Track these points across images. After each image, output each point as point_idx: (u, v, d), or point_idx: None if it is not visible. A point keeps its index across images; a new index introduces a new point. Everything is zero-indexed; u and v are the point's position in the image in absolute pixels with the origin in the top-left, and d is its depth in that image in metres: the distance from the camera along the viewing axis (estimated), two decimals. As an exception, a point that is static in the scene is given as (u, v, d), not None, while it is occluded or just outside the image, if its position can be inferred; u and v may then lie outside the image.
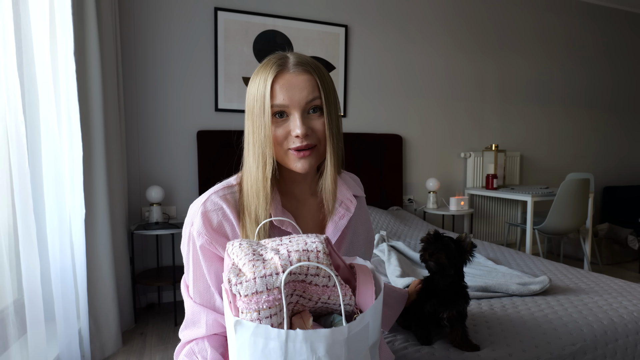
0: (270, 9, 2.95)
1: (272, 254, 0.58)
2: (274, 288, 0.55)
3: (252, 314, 0.54)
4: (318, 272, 0.58)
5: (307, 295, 0.60)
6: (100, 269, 2.01)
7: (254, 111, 0.73)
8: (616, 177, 4.56)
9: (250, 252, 0.58)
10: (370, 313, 0.58)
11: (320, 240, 0.59)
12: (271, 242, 0.62)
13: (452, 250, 1.02)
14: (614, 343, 1.20)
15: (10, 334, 1.45)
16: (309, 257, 0.57)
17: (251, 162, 0.74)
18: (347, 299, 0.61)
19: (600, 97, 4.37)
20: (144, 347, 2.12)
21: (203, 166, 2.74)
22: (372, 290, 0.62)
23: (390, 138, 3.33)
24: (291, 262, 0.56)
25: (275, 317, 0.55)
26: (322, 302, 0.62)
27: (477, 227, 3.72)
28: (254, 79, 0.74)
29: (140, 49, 2.65)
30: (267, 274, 0.55)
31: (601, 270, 3.46)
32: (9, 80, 1.45)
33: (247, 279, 0.55)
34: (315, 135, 0.73)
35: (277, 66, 0.72)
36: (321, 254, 0.58)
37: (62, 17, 1.80)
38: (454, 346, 1.08)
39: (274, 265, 0.56)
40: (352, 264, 0.68)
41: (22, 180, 1.45)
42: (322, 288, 0.59)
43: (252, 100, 0.73)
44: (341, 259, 0.66)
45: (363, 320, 0.56)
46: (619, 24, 4.38)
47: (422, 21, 3.45)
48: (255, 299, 0.54)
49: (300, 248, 0.58)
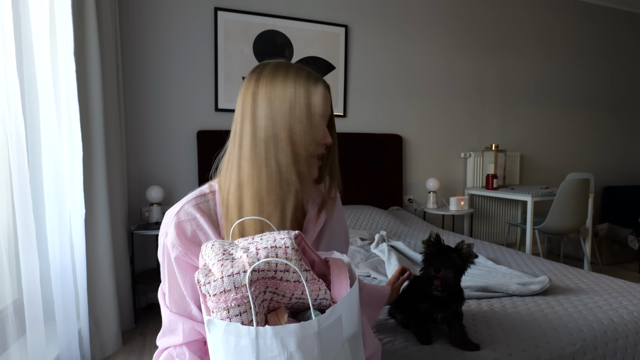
0: (270, 9, 2.95)
1: (240, 253, 0.58)
2: (242, 286, 0.55)
3: (222, 312, 0.55)
4: (287, 268, 0.58)
5: (280, 292, 0.61)
6: (100, 269, 2.01)
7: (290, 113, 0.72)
8: (616, 177, 4.56)
9: (221, 252, 0.59)
10: (342, 305, 0.58)
11: (290, 237, 0.59)
12: (243, 241, 0.62)
13: (457, 266, 1.01)
14: (614, 343, 1.20)
15: (9, 335, 1.45)
16: (277, 253, 0.57)
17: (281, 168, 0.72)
18: (323, 293, 0.61)
19: (600, 97, 4.37)
20: (144, 347, 2.12)
21: (203, 166, 2.74)
22: (347, 282, 0.62)
23: (390, 138, 3.33)
24: (259, 259, 0.56)
25: (245, 315, 0.55)
26: (297, 298, 0.62)
27: (477, 227, 3.72)
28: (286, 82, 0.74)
29: (140, 49, 2.65)
30: (235, 272, 0.55)
31: (601, 270, 3.46)
32: (9, 80, 1.44)
33: (215, 279, 0.55)
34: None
35: (320, 80, 0.78)
36: (289, 249, 0.58)
37: (62, 17, 1.80)
38: (454, 346, 1.08)
39: (242, 263, 0.56)
40: (327, 259, 0.69)
41: (22, 180, 1.45)
42: (293, 284, 0.60)
43: (291, 100, 0.73)
44: (316, 254, 0.67)
45: (334, 312, 0.57)
46: (618, 23, 4.38)
47: (422, 21, 3.45)
48: (223, 298, 0.55)
49: (269, 245, 0.58)
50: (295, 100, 0.73)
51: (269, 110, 0.72)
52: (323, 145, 0.78)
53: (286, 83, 0.74)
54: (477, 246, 2.30)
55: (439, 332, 1.15)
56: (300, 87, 0.74)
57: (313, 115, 0.74)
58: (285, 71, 0.75)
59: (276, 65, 0.77)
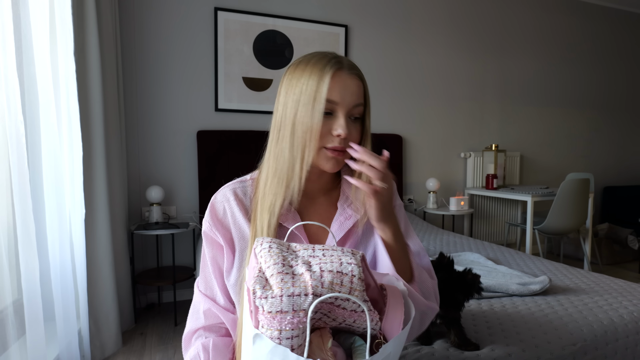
0: (270, 9, 2.95)
1: (303, 269, 0.54)
2: (300, 310, 0.51)
3: (274, 332, 0.51)
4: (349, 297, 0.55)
5: (331, 316, 0.58)
6: (100, 269, 2.01)
7: (300, 100, 0.72)
8: (616, 177, 4.56)
9: (280, 262, 0.55)
10: (393, 344, 0.56)
11: (357, 262, 0.56)
12: (303, 251, 0.59)
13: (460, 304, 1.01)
14: (614, 343, 1.20)
15: (9, 335, 1.45)
16: (343, 280, 0.54)
17: (286, 151, 0.73)
18: (373, 324, 0.58)
19: (601, 96, 4.37)
20: (144, 347, 2.12)
21: (203, 166, 2.74)
22: (401, 318, 0.59)
23: (390, 138, 3.33)
24: (322, 284, 0.53)
25: (297, 339, 0.52)
26: (347, 324, 0.59)
27: (477, 227, 3.71)
28: (306, 69, 0.73)
29: (140, 49, 2.65)
30: (296, 293, 0.52)
31: (601, 270, 3.46)
32: (9, 80, 1.44)
33: (274, 295, 0.52)
34: (349, 140, 0.73)
35: (335, 63, 0.73)
36: (356, 279, 0.54)
37: (62, 17, 1.79)
38: (454, 346, 1.08)
39: (304, 284, 0.53)
40: (383, 285, 0.65)
41: (22, 180, 1.45)
42: (349, 312, 0.57)
43: (300, 89, 0.72)
44: (372, 277, 0.63)
45: (385, 351, 0.54)
46: (619, 23, 4.38)
47: (422, 21, 3.45)
48: (279, 318, 0.51)
49: (335, 269, 0.54)
50: (307, 85, 0.72)
51: (285, 98, 0.75)
52: (335, 136, 0.72)
53: (304, 70, 0.74)
54: (477, 246, 2.30)
55: (439, 333, 1.15)
56: (314, 72, 0.72)
57: (317, 100, 0.70)
58: (308, 59, 0.75)
59: (306, 55, 0.77)
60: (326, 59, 0.73)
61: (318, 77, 0.71)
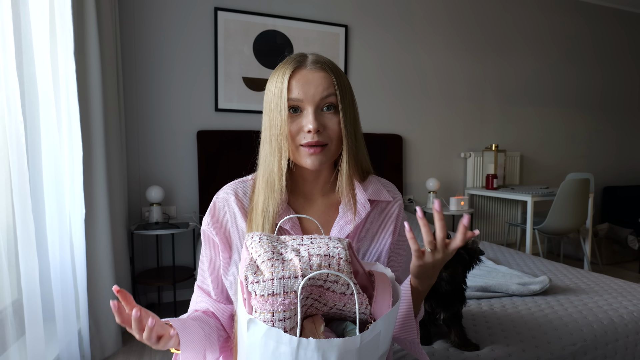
0: (270, 9, 2.95)
1: (292, 255, 0.56)
2: (291, 292, 0.53)
3: (266, 315, 0.53)
4: (337, 280, 0.57)
5: (322, 300, 0.59)
6: (100, 269, 2.01)
7: (271, 106, 0.75)
8: (616, 177, 4.56)
9: (270, 250, 0.57)
10: (383, 322, 0.57)
11: (343, 246, 0.58)
12: (292, 241, 0.61)
13: (466, 262, 1.00)
14: (614, 343, 1.20)
15: (9, 335, 1.45)
16: (330, 263, 0.56)
17: (268, 156, 0.76)
18: (363, 307, 0.60)
19: (601, 96, 4.37)
20: (144, 347, 2.12)
21: (203, 166, 2.74)
22: (389, 300, 0.61)
23: (391, 138, 3.33)
24: (311, 267, 0.55)
25: (289, 321, 0.54)
26: (337, 309, 0.61)
27: (477, 227, 3.71)
28: (273, 75, 0.77)
29: (140, 49, 2.65)
30: (286, 276, 0.54)
31: (601, 270, 3.46)
32: (9, 80, 1.44)
33: (265, 279, 0.54)
34: (327, 134, 0.73)
35: (295, 62, 0.74)
36: (343, 261, 0.56)
37: (62, 17, 1.79)
38: (454, 346, 1.08)
39: (294, 267, 0.55)
40: (371, 271, 0.67)
41: (22, 180, 1.45)
42: (339, 295, 0.58)
43: (270, 96, 0.76)
44: (361, 264, 0.65)
45: (375, 329, 0.56)
46: (619, 23, 4.38)
47: (422, 21, 3.45)
48: (270, 301, 0.53)
49: (322, 252, 0.56)
50: (274, 90, 0.75)
51: (264, 104, 0.79)
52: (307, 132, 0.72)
53: (273, 76, 0.77)
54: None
55: (439, 333, 1.15)
56: (279, 76, 0.75)
57: (281, 102, 0.73)
58: (278, 66, 0.77)
59: (286, 58, 0.78)
60: (289, 60, 0.75)
61: (281, 80, 0.74)
